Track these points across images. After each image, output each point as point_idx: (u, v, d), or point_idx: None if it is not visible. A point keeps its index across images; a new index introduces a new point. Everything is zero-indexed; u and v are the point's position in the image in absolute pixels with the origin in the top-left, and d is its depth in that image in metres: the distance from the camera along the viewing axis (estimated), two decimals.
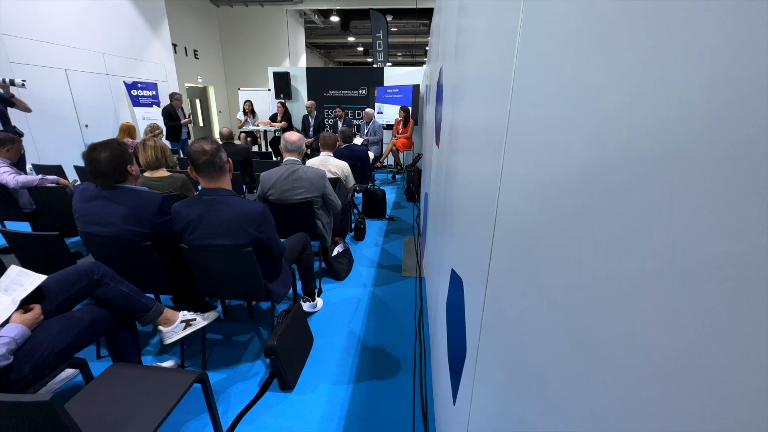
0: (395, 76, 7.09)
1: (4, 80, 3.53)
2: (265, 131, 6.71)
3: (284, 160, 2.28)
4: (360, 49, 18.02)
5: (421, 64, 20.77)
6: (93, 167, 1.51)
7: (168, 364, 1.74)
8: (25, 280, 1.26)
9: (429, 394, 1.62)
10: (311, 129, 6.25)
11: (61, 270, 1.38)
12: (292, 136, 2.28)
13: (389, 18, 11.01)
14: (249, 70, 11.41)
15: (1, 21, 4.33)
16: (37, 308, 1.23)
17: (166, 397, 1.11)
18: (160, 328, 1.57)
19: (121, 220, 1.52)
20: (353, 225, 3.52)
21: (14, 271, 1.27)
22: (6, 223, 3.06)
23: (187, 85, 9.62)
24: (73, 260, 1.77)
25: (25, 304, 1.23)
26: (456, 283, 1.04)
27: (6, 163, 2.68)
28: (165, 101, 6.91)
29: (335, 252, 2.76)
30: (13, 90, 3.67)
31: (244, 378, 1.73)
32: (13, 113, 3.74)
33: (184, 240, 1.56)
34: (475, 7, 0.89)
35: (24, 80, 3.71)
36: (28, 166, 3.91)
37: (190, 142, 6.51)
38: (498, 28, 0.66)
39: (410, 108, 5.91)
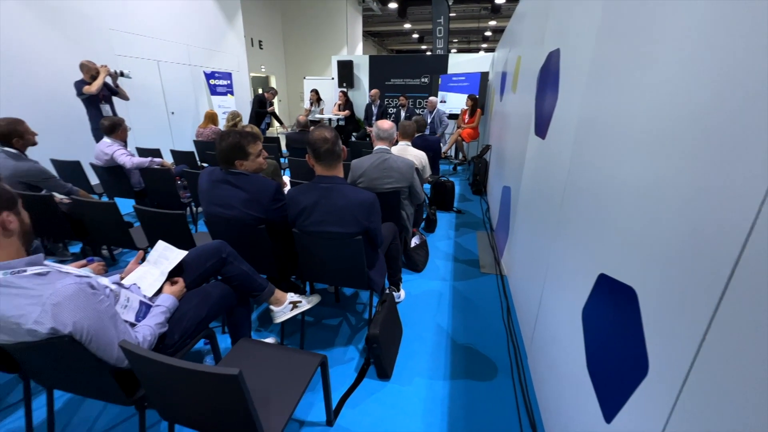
0: (459, 63, 6.83)
1: (116, 71, 3.92)
2: (330, 119, 6.85)
3: (375, 148, 2.28)
4: (415, 36, 17.66)
5: (477, 50, 19.94)
6: (216, 151, 1.61)
7: (270, 340, 1.84)
8: (170, 255, 1.38)
9: (533, 401, 1.54)
10: (374, 117, 6.25)
11: (195, 247, 1.49)
12: (385, 123, 2.26)
13: (450, 1, 10.60)
14: (308, 59, 11.70)
15: (111, 17, 4.81)
16: (181, 281, 1.33)
17: (298, 378, 1.16)
18: (272, 307, 1.65)
19: (241, 203, 1.61)
20: (424, 216, 3.47)
21: (161, 246, 1.39)
22: (116, 199, 3.43)
23: (252, 74, 10.09)
24: (191, 236, 1.91)
25: (170, 277, 1.34)
26: (615, 291, 0.94)
27: (122, 146, 2.98)
28: (238, 90, 7.33)
29: (413, 243, 2.74)
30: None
31: (339, 362, 1.78)
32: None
33: (297, 225, 1.61)
34: None
35: (129, 71, 4.10)
36: (131, 149, 4.35)
37: (282, 130, 6.91)
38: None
39: (477, 96, 5.66)
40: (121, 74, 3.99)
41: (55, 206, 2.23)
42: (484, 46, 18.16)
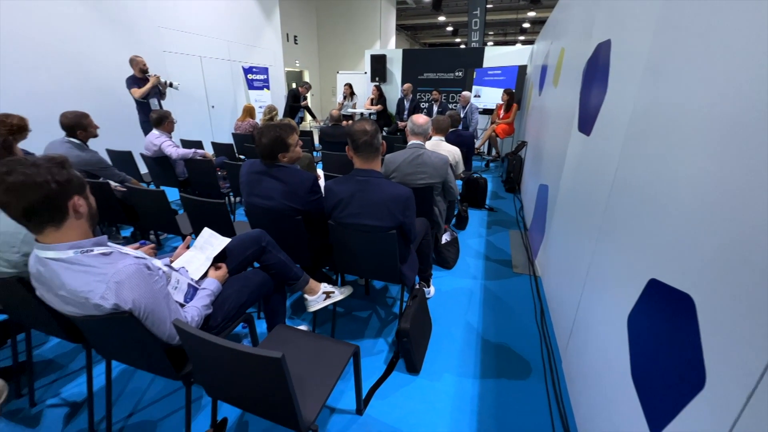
0: (495, 56, 6.61)
1: (166, 81, 4.18)
2: (362, 114, 6.89)
3: (409, 143, 2.27)
4: (449, 29, 17.28)
5: (513, 43, 19.19)
6: (256, 146, 1.67)
7: (302, 327, 1.90)
8: (214, 241, 1.45)
9: (566, 405, 1.49)
10: (406, 112, 6.21)
11: (237, 235, 1.56)
12: (420, 118, 2.24)
13: None
14: (340, 53, 11.79)
15: (160, 16, 5.09)
16: (224, 267, 1.41)
17: (332, 366, 1.19)
18: (306, 296, 1.70)
19: (280, 195, 1.66)
20: (455, 212, 3.42)
21: (207, 232, 1.47)
22: (162, 187, 3.65)
23: (286, 69, 10.32)
24: (231, 224, 2.00)
25: (214, 262, 1.41)
26: (668, 298, 0.89)
27: (169, 137, 3.16)
28: (274, 85, 7.53)
29: (444, 240, 2.71)
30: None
31: (369, 353, 1.81)
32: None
33: (333, 217, 1.64)
34: None
35: (179, 83, 4.37)
36: (175, 141, 4.61)
37: (314, 124, 7.03)
38: None
39: (514, 91, 5.47)
40: (170, 85, 4.23)
41: (111, 193, 2.41)
42: (522, 38, 17.47)
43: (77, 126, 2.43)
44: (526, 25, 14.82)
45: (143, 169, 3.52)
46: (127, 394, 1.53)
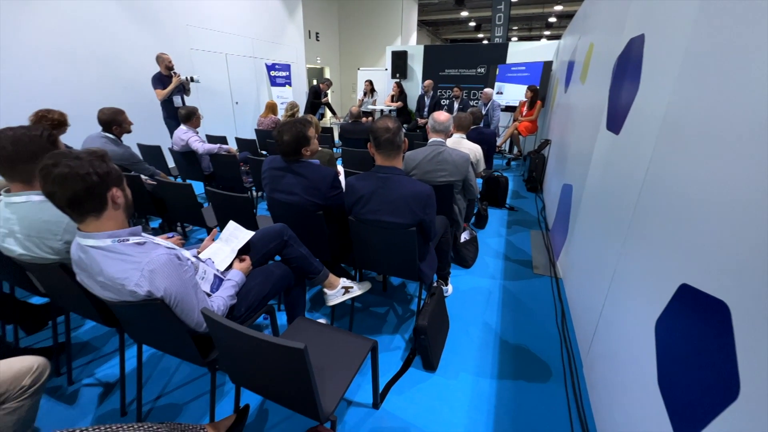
0: (519, 52, 6.45)
1: (187, 78, 4.33)
2: (381, 111, 6.89)
3: (429, 140, 2.26)
4: (472, 24, 16.96)
5: (538, 38, 18.58)
6: (278, 145, 1.70)
7: (321, 321, 1.93)
8: (239, 234, 1.50)
9: (587, 410, 1.46)
10: (426, 109, 6.17)
11: (260, 229, 1.60)
12: (441, 115, 2.23)
13: None
14: (361, 50, 11.80)
15: (188, 14, 5.25)
16: (248, 259, 1.45)
17: (351, 359, 1.21)
18: (325, 290, 1.73)
19: (303, 190, 1.69)
20: (475, 211, 3.38)
21: (232, 225, 1.52)
22: (188, 181, 3.78)
23: (307, 66, 10.42)
24: (255, 218, 2.05)
25: (239, 255, 1.46)
26: (700, 304, 0.85)
27: (195, 133, 3.27)
28: (296, 82, 7.64)
29: (462, 238, 2.69)
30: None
31: (386, 349, 1.82)
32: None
33: (353, 213, 1.66)
34: None
35: (199, 76, 4.52)
36: (201, 136, 4.75)
37: (335, 120, 7.08)
38: None
39: (538, 88, 5.33)
40: (191, 80, 4.38)
41: (142, 186, 2.52)
42: (547, 33, 16.94)
43: (113, 122, 2.55)
44: (552, 19, 14.35)
45: (170, 163, 3.65)
46: (155, 377, 1.61)
